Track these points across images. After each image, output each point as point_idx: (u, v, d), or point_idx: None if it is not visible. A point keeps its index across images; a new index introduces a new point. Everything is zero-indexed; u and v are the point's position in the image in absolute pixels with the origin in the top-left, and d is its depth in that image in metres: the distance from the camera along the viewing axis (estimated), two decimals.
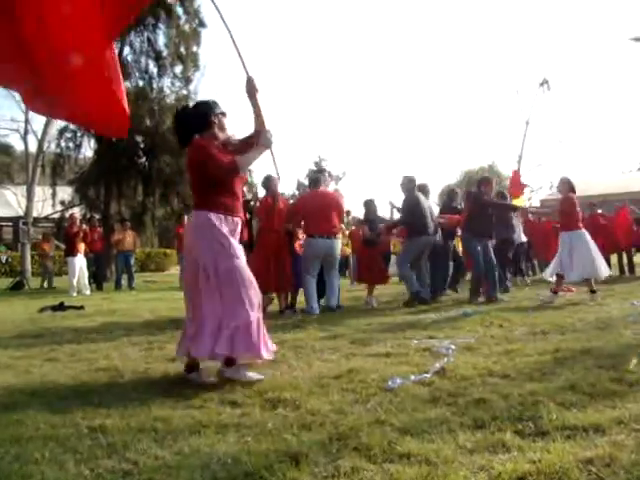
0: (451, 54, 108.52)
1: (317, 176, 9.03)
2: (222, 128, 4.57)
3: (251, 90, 4.53)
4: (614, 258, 14.99)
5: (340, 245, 8.95)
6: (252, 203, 9.14)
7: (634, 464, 2.48)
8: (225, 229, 4.35)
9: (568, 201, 9.11)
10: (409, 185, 9.66)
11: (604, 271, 9.33)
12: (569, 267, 8.85)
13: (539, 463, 2.50)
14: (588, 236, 9.11)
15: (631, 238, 14.48)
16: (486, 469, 2.49)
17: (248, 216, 8.61)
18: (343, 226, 11.02)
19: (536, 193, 38.93)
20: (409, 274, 9.31)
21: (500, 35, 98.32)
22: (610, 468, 2.46)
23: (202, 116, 4.49)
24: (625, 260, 14.77)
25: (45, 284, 18.11)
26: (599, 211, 15.21)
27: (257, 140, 4.52)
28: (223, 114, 4.59)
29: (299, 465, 2.60)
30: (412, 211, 9.38)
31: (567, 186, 9.32)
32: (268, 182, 8.61)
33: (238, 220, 4.49)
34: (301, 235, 8.97)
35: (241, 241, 4.46)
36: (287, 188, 47.75)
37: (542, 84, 15.82)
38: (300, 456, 2.67)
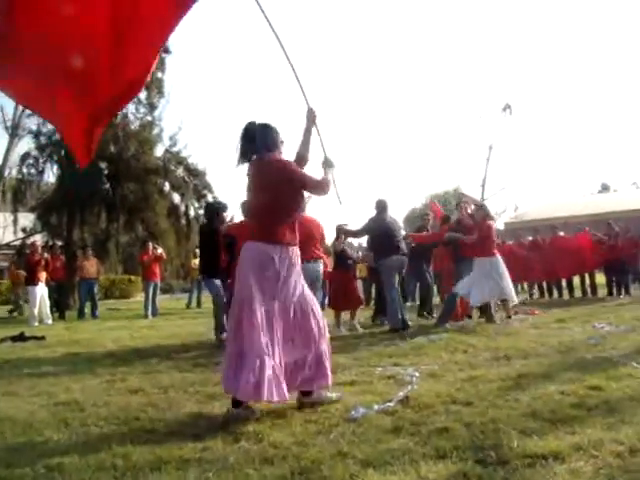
0: (416, 79, 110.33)
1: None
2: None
3: (312, 118, 4.64)
4: (577, 279, 15.27)
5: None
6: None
7: None
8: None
9: (487, 227, 9.32)
10: (379, 208, 9.62)
11: (514, 296, 9.72)
12: (478, 291, 9.08)
13: None
14: (502, 262, 9.45)
15: (595, 260, 14.75)
16: None
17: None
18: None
19: (499, 216, 39.48)
20: (398, 302, 9.27)
21: (463, 61, 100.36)
22: None
23: (277, 134, 4.50)
24: (588, 281, 15.03)
25: (15, 313, 17.89)
26: (561, 233, 15.50)
27: (323, 164, 4.63)
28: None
29: None
30: (384, 232, 9.34)
31: (482, 212, 9.55)
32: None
33: None
34: None
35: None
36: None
37: (505, 109, 16.16)
38: None
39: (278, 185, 4.29)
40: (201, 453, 3.34)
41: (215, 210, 9.08)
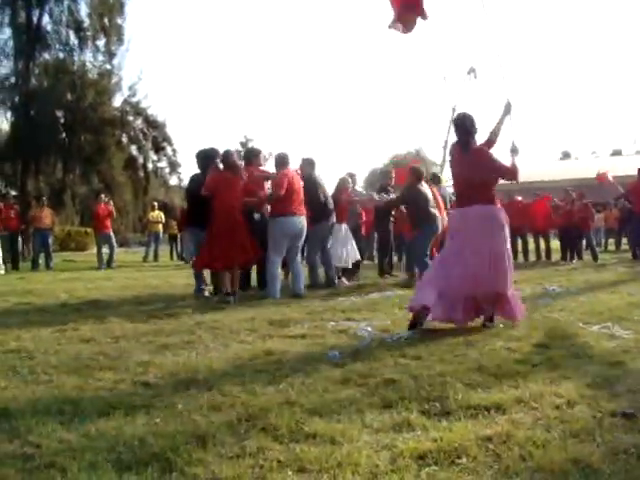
0: (380, 38, 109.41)
1: (284, 154, 8.71)
2: None
3: (508, 111, 5.78)
4: (532, 244, 15.55)
5: None
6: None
7: (528, 439, 2.61)
8: None
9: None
10: (309, 168, 9.37)
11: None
12: None
13: (440, 441, 2.58)
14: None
15: (549, 223, 15.05)
16: (389, 448, 2.56)
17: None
18: None
19: None
20: (316, 264, 9.29)
21: (430, 21, 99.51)
22: (506, 444, 2.57)
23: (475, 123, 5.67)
24: (542, 246, 15.32)
25: None
26: (518, 198, 15.77)
27: (512, 151, 5.85)
28: None
29: (206, 446, 2.60)
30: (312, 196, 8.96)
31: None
32: (229, 156, 8.13)
33: None
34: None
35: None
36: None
37: (469, 72, 16.13)
38: (207, 437, 2.68)
39: (482, 170, 5.49)
40: (150, 400, 3.34)
41: (211, 157, 8.62)
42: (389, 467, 2.37)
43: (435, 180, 11.40)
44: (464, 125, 5.61)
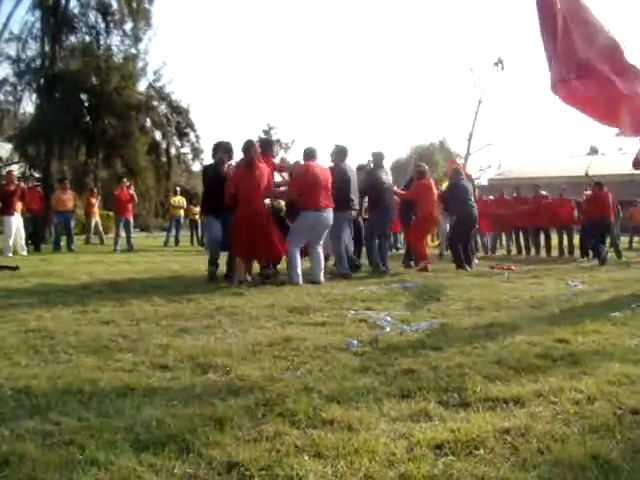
0: (408, 28, 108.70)
1: (313, 148, 8.73)
2: None
3: None
4: (555, 240, 15.41)
5: None
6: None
7: (546, 433, 2.59)
8: None
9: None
10: (338, 155, 9.39)
11: None
12: None
13: (458, 432, 2.57)
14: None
15: (571, 219, 14.92)
16: (406, 437, 2.55)
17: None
18: None
19: (484, 172, 39.37)
20: (342, 253, 9.18)
21: (457, 12, 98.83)
22: (524, 437, 2.55)
23: None
24: (565, 242, 15.16)
25: None
26: (543, 193, 15.63)
27: None
28: None
29: (223, 429, 2.61)
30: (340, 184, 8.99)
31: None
32: (250, 147, 8.07)
33: None
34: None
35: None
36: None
37: (496, 64, 15.98)
38: (225, 420, 2.69)
39: None
40: (168, 382, 3.36)
41: (228, 150, 8.79)
42: (406, 456, 2.37)
43: (456, 173, 11.38)
44: None
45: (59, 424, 2.68)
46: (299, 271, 8.12)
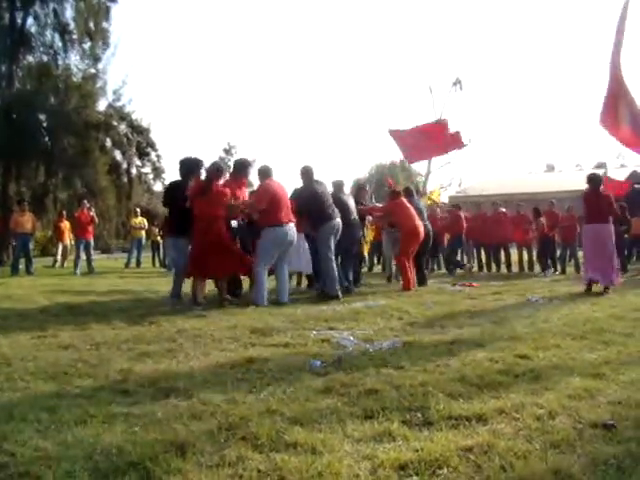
0: (368, 47, 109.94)
1: (267, 167, 8.56)
2: None
3: None
4: (515, 256, 15.62)
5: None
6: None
7: (509, 450, 2.61)
8: None
9: None
10: (306, 175, 9.28)
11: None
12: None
13: (421, 452, 2.58)
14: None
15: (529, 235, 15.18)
16: (370, 458, 2.55)
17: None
18: None
19: (445, 190, 39.77)
20: (332, 273, 8.90)
21: (416, 32, 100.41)
22: (487, 455, 2.58)
23: None
24: (526, 257, 15.39)
25: None
26: (502, 209, 15.86)
27: None
28: None
29: (185, 455, 2.58)
30: (313, 200, 8.94)
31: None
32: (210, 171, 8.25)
33: None
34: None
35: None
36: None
37: (455, 83, 16.24)
38: (187, 446, 2.66)
39: None
40: (129, 408, 3.31)
41: (194, 166, 8.62)
42: (370, 477, 2.36)
43: (407, 192, 11.43)
44: None
45: (14, 455, 2.61)
46: (265, 293, 8.05)
